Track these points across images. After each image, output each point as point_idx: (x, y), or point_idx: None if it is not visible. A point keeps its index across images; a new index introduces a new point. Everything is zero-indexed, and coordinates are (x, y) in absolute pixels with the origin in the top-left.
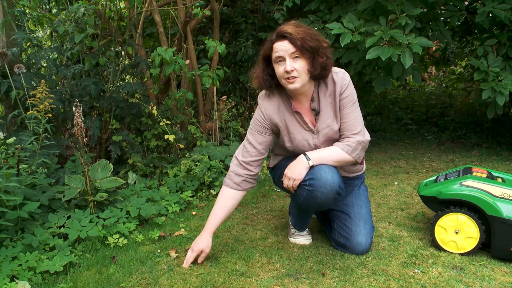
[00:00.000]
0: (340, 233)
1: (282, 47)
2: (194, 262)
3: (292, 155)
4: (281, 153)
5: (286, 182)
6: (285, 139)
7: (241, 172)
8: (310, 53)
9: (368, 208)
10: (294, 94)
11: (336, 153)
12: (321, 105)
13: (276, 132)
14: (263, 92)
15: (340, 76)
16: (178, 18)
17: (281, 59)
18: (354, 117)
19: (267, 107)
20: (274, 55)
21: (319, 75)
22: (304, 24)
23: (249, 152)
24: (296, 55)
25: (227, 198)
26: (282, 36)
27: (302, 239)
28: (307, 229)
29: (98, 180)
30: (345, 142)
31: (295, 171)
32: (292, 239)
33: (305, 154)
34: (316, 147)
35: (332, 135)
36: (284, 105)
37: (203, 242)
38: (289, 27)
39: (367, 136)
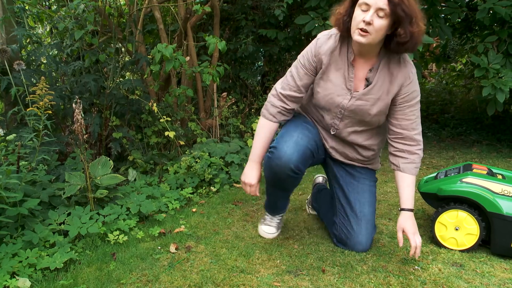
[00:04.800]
0: (341, 229)
1: None
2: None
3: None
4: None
5: (419, 243)
6: (320, 83)
7: (277, 103)
8: (402, 17)
9: (372, 207)
10: (357, 51)
11: (414, 182)
12: (377, 80)
13: (319, 69)
14: (325, 32)
15: (408, 67)
16: (178, 14)
17: (367, 7)
18: (417, 116)
19: (322, 44)
20: (363, 0)
21: (406, 44)
22: None
23: (289, 84)
24: (382, 14)
25: (265, 128)
26: None
27: (265, 228)
28: (278, 220)
29: (98, 177)
30: (412, 161)
31: (414, 225)
32: (259, 227)
33: (409, 209)
34: (341, 109)
35: (362, 114)
36: (340, 51)
37: (254, 173)
38: None
39: (422, 140)
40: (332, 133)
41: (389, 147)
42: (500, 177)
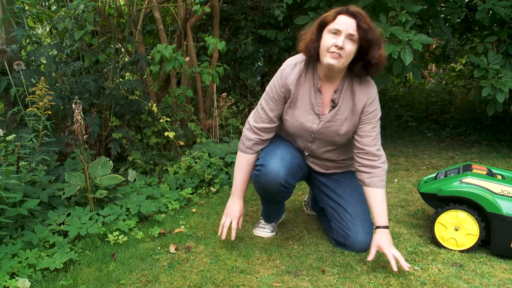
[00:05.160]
0: (339, 232)
1: (347, 23)
2: (228, 231)
3: (280, 135)
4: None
5: (398, 255)
6: (288, 111)
7: (252, 136)
8: (367, 44)
9: (364, 205)
10: (322, 76)
11: (385, 196)
12: (342, 101)
13: (287, 98)
14: (290, 60)
15: (370, 87)
16: (178, 15)
17: (338, 32)
18: (378, 133)
19: (288, 75)
20: (333, 25)
21: (369, 68)
22: None
23: (261, 117)
24: (352, 38)
25: (244, 162)
26: (352, 14)
27: (261, 231)
28: (272, 224)
29: (98, 177)
30: (376, 175)
31: (390, 241)
32: (254, 230)
33: (384, 227)
34: (311, 133)
35: (332, 134)
36: (305, 78)
37: (236, 207)
38: (360, 10)
39: (384, 154)
40: (306, 154)
41: (355, 162)
42: (499, 177)
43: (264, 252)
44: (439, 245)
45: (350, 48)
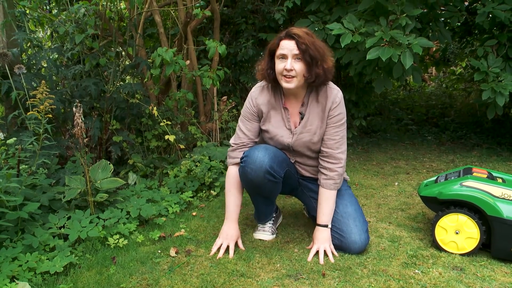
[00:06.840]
0: (334, 235)
1: (288, 46)
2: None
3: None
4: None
5: (322, 250)
6: (265, 128)
7: (234, 154)
8: (309, 60)
9: (355, 205)
10: (287, 93)
11: (333, 198)
12: (309, 112)
13: (260, 117)
14: (258, 84)
15: (334, 93)
16: (178, 18)
17: (284, 56)
18: (342, 136)
19: (257, 96)
20: (279, 51)
21: (313, 83)
22: (315, 35)
23: (240, 138)
24: (298, 57)
25: (232, 175)
26: (291, 36)
27: (262, 234)
28: (270, 225)
29: (99, 181)
30: (331, 178)
31: (324, 238)
32: (254, 235)
33: (323, 226)
34: (288, 147)
35: (307, 144)
36: (274, 99)
37: (233, 232)
38: (299, 31)
39: (345, 158)
40: (292, 161)
41: (319, 164)
42: (500, 180)
43: (264, 256)
44: (440, 249)
45: (299, 66)
